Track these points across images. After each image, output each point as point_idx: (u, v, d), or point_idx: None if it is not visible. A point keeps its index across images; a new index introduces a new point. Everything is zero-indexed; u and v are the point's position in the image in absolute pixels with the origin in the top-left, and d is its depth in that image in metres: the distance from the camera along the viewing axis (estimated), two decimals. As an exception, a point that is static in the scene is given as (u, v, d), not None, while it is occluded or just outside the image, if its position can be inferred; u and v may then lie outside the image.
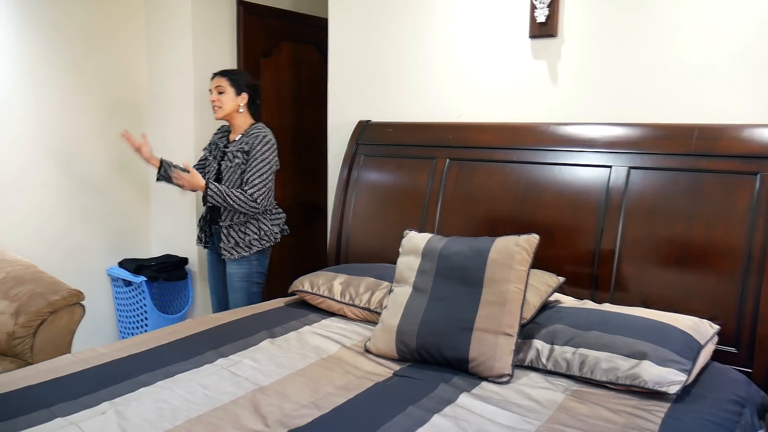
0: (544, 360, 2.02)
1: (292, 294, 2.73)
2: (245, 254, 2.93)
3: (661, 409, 1.77)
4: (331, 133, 3.38)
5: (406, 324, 2.11)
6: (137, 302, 3.65)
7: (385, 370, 2.05)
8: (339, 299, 2.54)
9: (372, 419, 1.70)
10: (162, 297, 3.80)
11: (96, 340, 3.56)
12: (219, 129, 3.15)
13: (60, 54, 3.43)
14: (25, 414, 1.69)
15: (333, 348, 2.22)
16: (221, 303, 3.18)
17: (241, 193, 2.83)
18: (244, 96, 2.94)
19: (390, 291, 2.33)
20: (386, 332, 2.15)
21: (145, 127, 3.81)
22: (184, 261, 3.80)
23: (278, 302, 2.76)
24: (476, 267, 2.09)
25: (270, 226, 3.01)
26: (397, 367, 2.07)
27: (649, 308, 2.22)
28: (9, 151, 3.29)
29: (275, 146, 2.95)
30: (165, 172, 3.00)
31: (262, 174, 2.87)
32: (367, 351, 2.19)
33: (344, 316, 2.54)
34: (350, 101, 3.27)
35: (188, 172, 2.85)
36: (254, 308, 2.66)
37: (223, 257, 2.97)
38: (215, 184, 2.83)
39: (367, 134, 3.14)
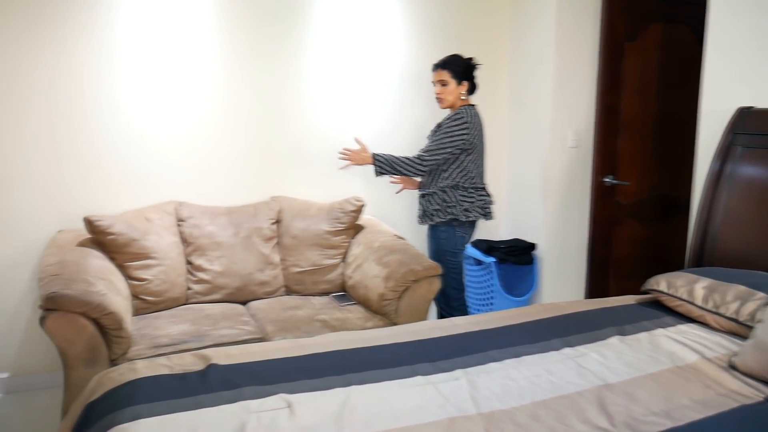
0: None
1: (644, 292, 2.58)
2: (431, 223, 3.15)
3: None
4: (702, 121, 3.05)
5: (786, 344, 1.82)
6: (486, 281, 3.86)
7: (754, 393, 1.80)
8: (700, 305, 2.30)
9: (736, 444, 1.51)
10: (508, 279, 3.93)
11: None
12: None
13: (437, 49, 3.79)
14: (392, 367, 1.94)
15: (691, 357, 2.03)
16: None
17: (407, 157, 3.04)
18: (465, 84, 3.09)
19: (767, 304, 2.03)
20: (759, 350, 1.87)
21: (505, 111, 4.01)
22: (532, 246, 3.87)
23: (628, 299, 2.63)
24: None
25: (457, 201, 3.07)
26: (770, 391, 1.80)
27: None
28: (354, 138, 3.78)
29: (466, 125, 3.02)
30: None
31: (440, 142, 3.01)
32: (733, 367, 1.94)
33: (704, 324, 2.30)
34: (729, 86, 2.90)
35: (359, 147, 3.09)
36: (602, 302, 2.58)
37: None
38: (380, 154, 3.04)
39: (749, 122, 2.75)
